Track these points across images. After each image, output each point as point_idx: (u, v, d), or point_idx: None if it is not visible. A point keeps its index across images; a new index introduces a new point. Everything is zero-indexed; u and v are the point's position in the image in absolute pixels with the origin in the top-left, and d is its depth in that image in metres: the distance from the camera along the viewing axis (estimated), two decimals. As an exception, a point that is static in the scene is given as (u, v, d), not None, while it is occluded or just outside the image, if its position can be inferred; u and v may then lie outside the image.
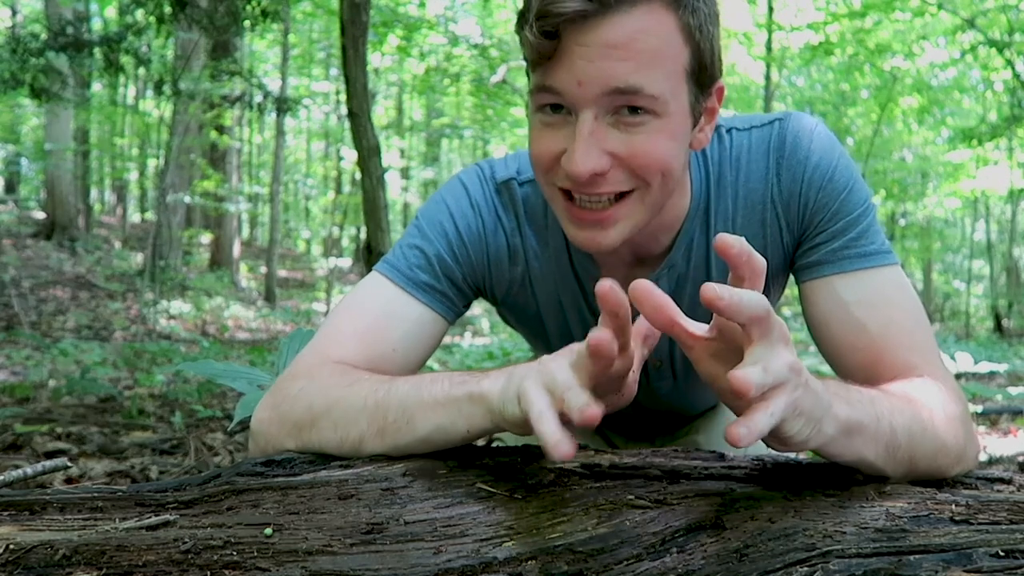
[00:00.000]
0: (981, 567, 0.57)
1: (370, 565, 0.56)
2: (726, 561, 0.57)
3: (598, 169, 0.79)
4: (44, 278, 9.64)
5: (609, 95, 0.76)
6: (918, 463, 0.73)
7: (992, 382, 5.59)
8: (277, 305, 12.39)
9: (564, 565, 0.56)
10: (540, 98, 0.81)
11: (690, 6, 0.77)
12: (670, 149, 0.81)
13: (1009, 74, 10.80)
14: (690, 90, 0.81)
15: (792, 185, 0.91)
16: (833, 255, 0.90)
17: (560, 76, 0.77)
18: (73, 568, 0.54)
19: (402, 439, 0.74)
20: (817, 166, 0.90)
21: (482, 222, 0.98)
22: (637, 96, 0.76)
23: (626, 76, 0.75)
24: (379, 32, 11.81)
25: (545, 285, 1.03)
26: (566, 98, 0.78)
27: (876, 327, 0.87)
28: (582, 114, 0.78)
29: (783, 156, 0.92)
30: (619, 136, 0.79)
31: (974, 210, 14.51)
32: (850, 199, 0.90)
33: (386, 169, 6.28)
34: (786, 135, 0.92)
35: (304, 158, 23.38)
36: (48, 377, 4.06)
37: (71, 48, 5.48)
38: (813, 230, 0.92)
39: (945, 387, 0.83)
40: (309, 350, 0.93)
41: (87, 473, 2.08)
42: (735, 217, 0.95)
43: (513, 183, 0.99)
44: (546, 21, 0.74)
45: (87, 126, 14.37)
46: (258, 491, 0.67)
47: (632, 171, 0.81)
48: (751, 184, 0.94)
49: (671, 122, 0.80)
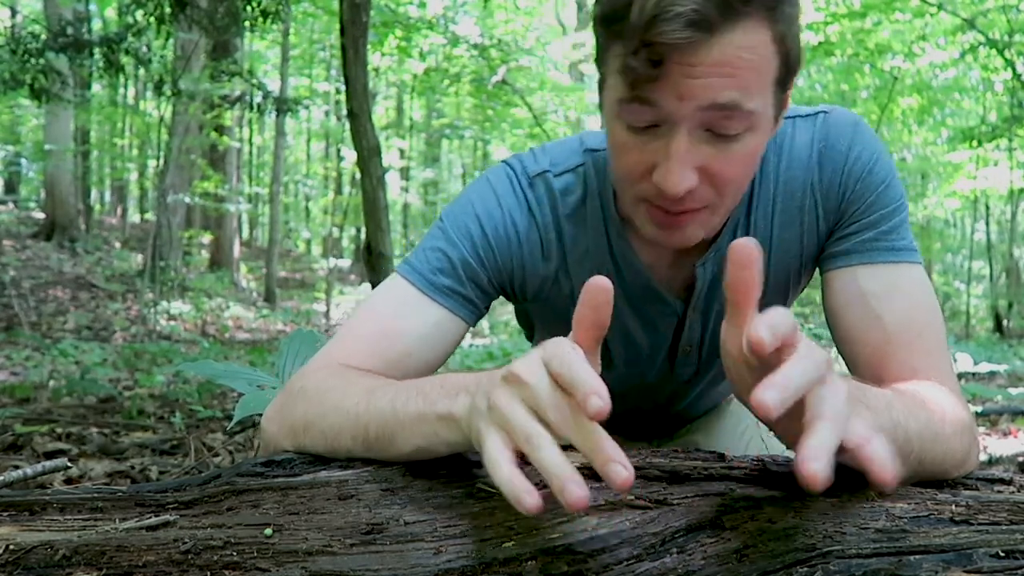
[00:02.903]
0: (981, 567, 0.57)
1: (370, 565, 0.56)
2: (726, 561, 0.57)
3: (691, 188, 0.78)
4: (44, 278, 9.64)
5: (707, 110, 0.75)
6: (925, 467, 0.73)
7: (992, 382, 5.59)
8: (277, 305, 12.39)
9: (564, 565, 0.56)
10: (631, 110, 0.78)
11: (784, 14, 0.75)
12: (756, 159, 0.83)
13: (1009, 74, 10.80)
14: (775, 95, 0.80)
15: (833, 175, 0.93)
16: (862, 245, 0.91)
17: (659, 92, 0.75)
18: (73, 568, 0.54)
19: (387, 455, 0.74)
20: (858, 158, 0.92)
21: (512, 221, 0.97)
22: (735, 111, 0.76)
23: (727, 93, 0.74)
24: (379, 32, 11.82)
25: (581, 276, 1.01)
26: (662, 112, 0.76)
27: (892, 321, 0.87)
28: (678, 130, 0.77)
29: (826, 146, 0.93)
30: (710, 151, 0.78)
31: (974, 210, 14.51)
32: (887, 193, 0.92)
33: (386, 169, 6.28)
34: (830, 126, 0.93)
35: (304, 158, 23.39)
36: (48, 378, 4.06)
37: (71, 48, 5.48)
38: (848, 219, 0.93)
39: (953, 393, 0.83)
40: (321, 352, 0.93)
41: (87, 473, 2.08)
42: (775, 202, 0.96)
43: (548, 175, 0.98)
44: (653, 50, 0.72)
45: (87, 126, 14.37)
46: (258, 491, 0.67)
47: (717, 185, 0.81)
48: (792, 171, 0.95)
49: (759, 134, 0.80)
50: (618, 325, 1.03)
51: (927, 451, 0.72)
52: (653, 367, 1.10)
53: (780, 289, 1.03)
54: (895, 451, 0.67)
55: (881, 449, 0.55)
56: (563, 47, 17.41)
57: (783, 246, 0.97)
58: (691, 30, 0.71)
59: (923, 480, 0.74)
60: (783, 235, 0.97)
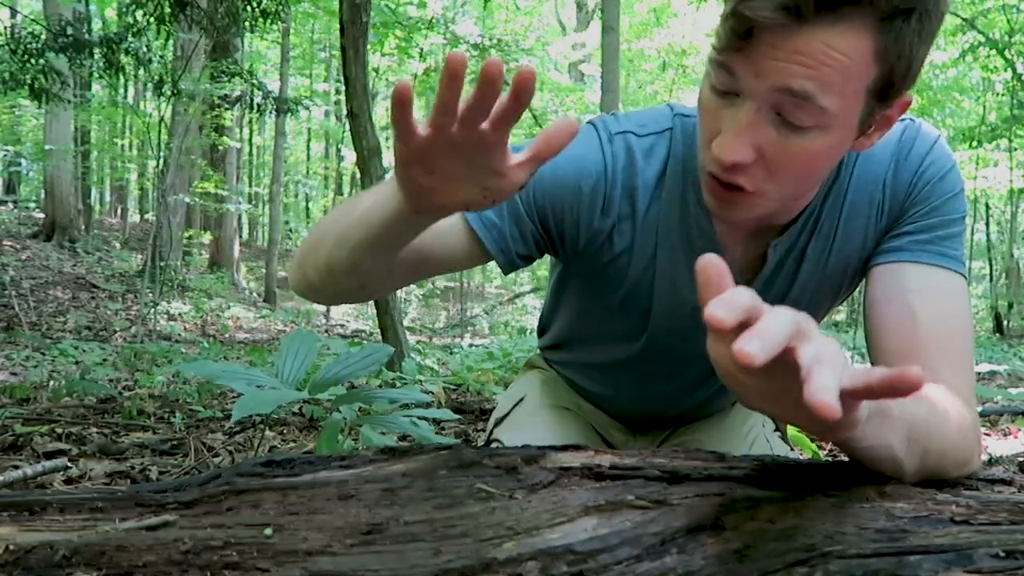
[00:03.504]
0: (982, 568, 0.57)
1: (370, 566, 0.56)
2: (726, 561, 0.57)
3: (742, 161, 0.79)
4: (44, 279, 9.64)
5: (780, 92, 0.75)
6: (928, 460, 0.73)
7: (992, 382, 5.59)
8: (277, 306, 12.39)
9: (564, 565, 0.56)
10: (716, 71, 0.80)
11: (896, 29, 0.73)
12: (821, 161, 0.82)
13: (1009, 74, 10.80)
14: (866, 104, 0.79)
15: (905, 175, 0.94)
16: (915, 245, 0.92)
17: (739, 63, 0.76)
18: (73, 568, 0.54)
19: (346, 224, 0.85)
20: (932, 164, 0.94)
21: (581, 167, 0.96)
22: (807, 103, 0.75)
23: (802, 83, 0.74)
24: (379, 33, 11.82)
25: (646, 239, 1.01)
26: (739, 82, 0.77)
27: (925, 320, 0.87)
28: (749, 105, 0.77)
29: (905, 149, 0.95)
30: (774, 136, 0.78)
31: (974, 210, 14.51)
32: (952, 203, 0.93)
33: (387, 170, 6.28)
34: (913, 135, 0.95)
35: (304, 158, 23.39)
36: (48, 378, 4.06)
37: (71, 49, 5.48)
38: (908, 219, 0.94)
39: (963, 399, 0.83)
40: None
41: (87, 474, 2.08)
42: (846, 195, 0.97)
43: (630, 135, 0.99)
44: (741, 22, 0.74)
45: (87, 127, 14.38)
46: (258, 491, 0.67)
47: (772, 171, 0.81)
48: (871, 166, 0.96)
49: (832, 136, 0.79)
50: (677, 286, 1.04)
51: (932, 439, 0.72)
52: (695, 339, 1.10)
53: (832, 283, 1.04)
54: (904, 431, 0.68)
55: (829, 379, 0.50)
56: (563, 47, 17.42)
57: (845, 237, 0.99)
58: (781, 14, 0.71)
59: (925, 479, 0.74)
60: (848, 226, 0.98)
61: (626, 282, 1.05)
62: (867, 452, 0.68)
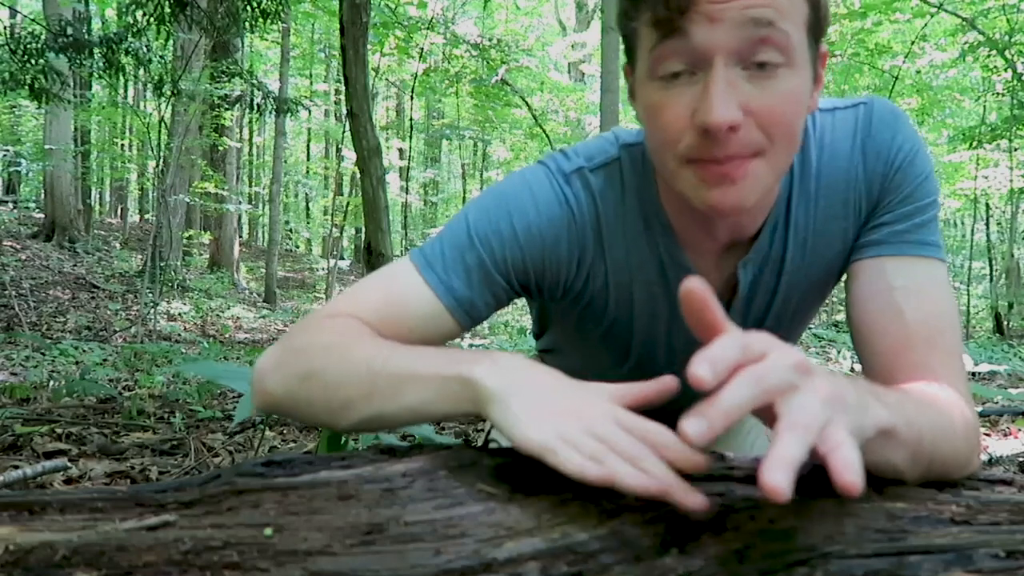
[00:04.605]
0: (982, 568, 0.57)
1: (370, 566, 0.56)
2: (726, 561, 0.57)
3: (734, 121, 0.75)
4: (44, 279, 9.64)
5: (742, 28, 0.74)
6: (933, 467, 0.73)
7: (992, 382, 5.59)
8: (277, 306, 12.39)
9: (564, 565, 0.56)
10: (663, 55, 0.77)
11: None
12: (800, 103, 0.80)
13: (1009, 75, 10.80)
14: (809, 44, 0.79)
15: (876, 165, 0.92)
16: (895, 236, 0.91)
17: (690, 19, 0.74)
18: (73, 569, 0.54)
19: (388, 406, 0.76)
20: (900, 147, 0.91)
21: (547, 219, 0.94)
22: (770, 33, 0.74)
23: (762, 10, 0.73)
24: (379, 33, 11.82)
25: (620, 274, 0.99)
26: (697, 47, 0.75)
27: (912, 316, 0.87)
28: (715, 63, 0.75)
29: (869, 136, 0.92)
30: (752, 89, 0.76)
31: (974, 211, 14.51)
32: (925, 186, 0.91)
33: (387, 170, 6.28)
34: (872, 117, 0.93)
35: (304, 158, 23.40)
36: (48, 378, 4.06)
37: (71, 49, 5.49)
38: (883, 208, 0.92)
39: (961, 395, 0.83)
40: (326, 306, 0.93)
41: (87, 474, 2.08)
42: (817, 199, 0.95)
43: (584, 171, 0.96)
44: None
45: (87, 127, 14.38)
46: (258, 491, 0.67)
47: (764, 127, 0.78)
48: (835, 163, 0.93)
49: (799, 75, 0.78)
50: (656, 320, 1.02)
51: (938, 450, 0.72)
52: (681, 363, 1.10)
53: (816, 288, 1.02)
54: (909, 449, 0.68)
55: (849, 455, 0.53)
56: (563, 47, 17.43)
57: (824, 241, 0.97)
58: None
59: (926, 481, 0.74)
60: (825, 230, 0.96)
61: (605, 319, 1.03)
62: (868, 466, 0.68)
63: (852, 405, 0.59)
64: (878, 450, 0.65)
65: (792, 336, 1.11)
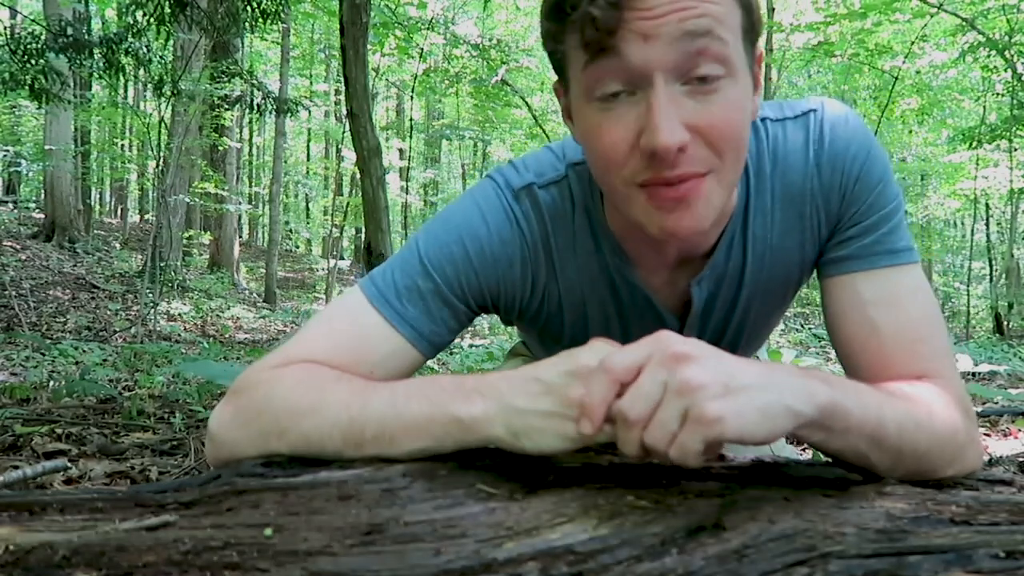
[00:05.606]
0: (982, 568, 0.57)
1: (370, 566, 0.56)
2: (726, 561, 0.57)
3: (682, 142, 0.72)
4: (44, 279, 9.64)
5: (679, 41, 0.71)
6: (908, 460, 0.73)
7: (992, 383, 5.59)
8: (277, 306, 12.39)
9: (564, 566, 0.56)
10: (597, 75, 0.74)
11: None
12: (744, 113, 0.78)
13: (1009, 75, 10.80)
14: (746, 50, 0.77)
15: (832, 176, 0.90)
16: (862, 251, 0.89)
17: (621, 38, 0.71)
18: (73, 569, 0.54)
19: (385, 454, 0.73)
20: (855, 156, 0.89)
21: (499, 239, 0.92)
22: (708, 44, 0.72)
23: (697, 21, 0.71)
24: (379, 33, 11.83)
25: (573, 292, 0.98)
26: (633, 66, 0.72)
27: (888, 330, 0.86)
28: (655, 81, 0.72)
29: (822, 147, 0.90)
30: (695, 106, 0.74)
31: (974, 211, 14.51)
32: (885, 192, 0.90)
33: (387, 170, 6.28)
34: (823, 126, 0.90)
35: (304, 159, 23.41)
36: (48, 378, 4.06)
37: (71, 49, 5.49)
38: (847, 222, 0.91)
39: (948, 391, 0.82)
40: (274, 354, 0.87)
41: (87, 474, 2.08)
42: (773, 212, 0.93)
43: (533, 188, 0.94)
44: (603, 10, 0.70)
45: (87, 127, 14.38)
46: (258, 492, 0.67)
47: (711, 143, 0.75)
48: (790, 176, 0.92)
49: (739, 83, 0.76)
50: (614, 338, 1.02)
51: (911, 441, 0.72)
52: None
53: (776, 298, 1.02)
54: (871, 436, 0.69)
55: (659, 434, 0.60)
56: (563, 47, 17.38)
57: (782, 254, 0.96)
58: None
59: (919, 478, 0.74)
60: (783, 244, 0.95)
61: (564, 336, 1.03)
62: (834, 453, 0.72)
63: (753, 385, 0.61)
64: (837, 436, 0.67)
65: (755, 342, 1.11)
